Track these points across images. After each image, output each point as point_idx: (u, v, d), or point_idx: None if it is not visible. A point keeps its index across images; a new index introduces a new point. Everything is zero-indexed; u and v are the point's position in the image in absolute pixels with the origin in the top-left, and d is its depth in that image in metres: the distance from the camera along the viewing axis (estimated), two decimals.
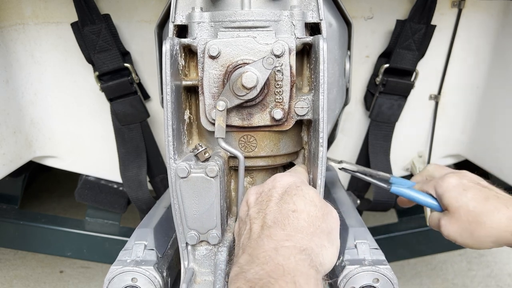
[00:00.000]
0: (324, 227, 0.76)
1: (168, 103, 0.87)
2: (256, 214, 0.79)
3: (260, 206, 0.80)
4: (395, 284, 0.91)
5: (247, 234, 0.77)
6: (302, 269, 0.63)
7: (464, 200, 1.01)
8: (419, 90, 1.66)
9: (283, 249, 0.67)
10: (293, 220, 0.73)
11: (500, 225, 0.96)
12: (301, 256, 0.66)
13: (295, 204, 0.76)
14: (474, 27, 1.59)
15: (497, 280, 2.27)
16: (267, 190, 0.83)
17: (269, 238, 0.70)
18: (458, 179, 1.05)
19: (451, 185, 1.05)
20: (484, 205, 0.98)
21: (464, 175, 1.08)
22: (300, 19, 0.95)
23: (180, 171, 0.87)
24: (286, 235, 0.70)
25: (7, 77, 1.52)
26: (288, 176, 0.86)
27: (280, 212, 0.75)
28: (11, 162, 1.55)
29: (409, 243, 1.86)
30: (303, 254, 0.66)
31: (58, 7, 1.52)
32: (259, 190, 0.86)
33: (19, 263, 2.45)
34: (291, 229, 0.72)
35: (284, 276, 0.61)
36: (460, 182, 1.05)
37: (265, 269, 0.63)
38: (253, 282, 0.62)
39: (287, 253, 0.66)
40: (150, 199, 1.68)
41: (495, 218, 0.96)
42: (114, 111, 1.59)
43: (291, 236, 0.70)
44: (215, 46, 0.90)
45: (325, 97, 0.88)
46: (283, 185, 0.82)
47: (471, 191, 1.01)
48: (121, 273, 0.94)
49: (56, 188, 3.31)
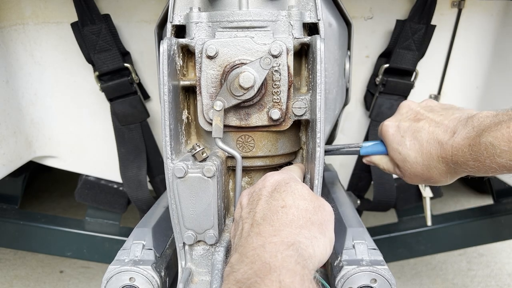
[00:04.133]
0: (315, 219, 0.76)
1: (166, 103, 0.87)
2: (247, 214, 0.79)
3: (251, 206, 0.81)
4: (393, 284, 0.91)
5: (239, 233, 0.77)
6: (289, 266, 0.63)
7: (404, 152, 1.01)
8: (419, 90, 1.66)
9: (270, 245, 0.67)
10: (281, 215, 0.73)
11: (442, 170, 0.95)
12: (288, 252, 0.65)
13: (284, 200, 0.77)
14: (474, 27, 1.59)
15: (497, 280, 2.27)
16: (258, 189, 0.83)
17: (258, 235, 0.70)
18: (393, 127, 1.05)
19: (389, 134, 1.05)
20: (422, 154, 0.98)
21: (399, 112, 1.08)
22: (298, 19, 0.95)
23: (177, 171, 0.87)
24: (274, 231, 0.70)
25: (7, 77, 1.52)
26: (278, 174, 0.86)
27: (269, 209, 0.76)
28: (11, 162, 1.55)
29: (409, 243, 1.86)
30: (290, 249, 0.66)
31: (58, 7, 1.53)
32: (251, 191, 0.86)
33: (19, 263, 2.45)
34: (279, 224, 0.72)
35: (270, 275, 0.61)
36: (394, 131, 1.05)
37: (253, 268, 0.64)
38: (241, 282, 0.63)
39: (274, 249, 0.66)
40: (150, 199, 1.69)
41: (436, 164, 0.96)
42: (114, 111, 1.60)
43: (279, 231, 0.70)
44: (212, 46, 0.91)
45: (322, 97, 0.88)
46: (273, 183, 0.83)
47: (408, 138, 1.01)
48: (119, 272, 0.94)
49: (56, 188, 3.32)
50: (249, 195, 0.86)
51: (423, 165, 0.98)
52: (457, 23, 1.58)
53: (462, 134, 0.90)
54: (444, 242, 1.87)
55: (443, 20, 1.57)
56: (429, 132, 0.97)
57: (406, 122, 1.04)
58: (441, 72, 1.66)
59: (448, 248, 1.93)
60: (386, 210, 1.81)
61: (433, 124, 0.98)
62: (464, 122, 0.91)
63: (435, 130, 0.97)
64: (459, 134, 0.90)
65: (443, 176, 0.97)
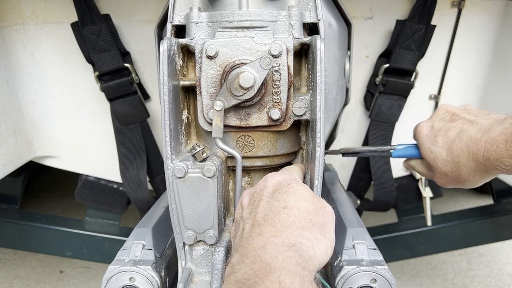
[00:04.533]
0: (316, 220, 0.75)
1: (166, 103, 0.87)
2: (248, 215, 0.79)
3: (252, 206, 0.80)
4: (393, 284, 0.91)
5: (240, 234, 0.77)
6: (289, 267, 0.63)
7: (436, 151, 1.01)
8: (419, 90, 1.66)
9: (271, 246, 0.67)
10: (283, 216, 0.73)
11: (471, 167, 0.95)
12: (289, 253, 0.65)
13: (286, 201, 0.77)
14: (474, 27, 1.59)
15: (497, 280, 2.27)
16: (259, 190, 0.83)
17: (259, 235, 0.70)
18: (427, 128, 1.05)
19: (423, 135, 1.05)
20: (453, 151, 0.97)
21: (436, 114, 1.08)
22: (298, 19, 0.95)
23: (177, 171, 0.87)
24: (275, 231, 0.70)
25: (7, 77, 1.52)
26: (279, 174, 0.86)
27: (270, 210, 0.76)
28: (11, 162, 1.55)
29: (409, 243, 1.86)
30: (291, 250, 0.66)
31: (58, 7, 1.53)
32: (252, 191, 0.86)
33: (19, 263, 2.45)
34: (280, 225, 0.72)
35: (270, 275, 0.61)
36: (428, 132, 1.04)
37: (253, 269, 0.64)
38: (241, 282, 0.63)
39: (275, 250, 0.66)
40: (150, 199, 1.69)
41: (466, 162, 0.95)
42: (114, 111, 1.60)
43: (280, 232, 0.70)
44: (212, 46, 0.91)
45: (322, 97, 0.88)
46: (274, 183, 0.83)
47: (441, 136, 1.01)
48: (119, 272, 0.94)
49: (56, 188, 3.32)
50: (250, 195, 0.86)
51: (453, 162, 0.98)
52: (457, 23, 1.58)
53: (498, 130, 0.88)
54: (444, 242, 1.87)
55: (443, 20, 1.57)
56: (462, 129, 0.97)
57: (440, 123, 1.04)
58: (441, 72, 1.66)
59: (448, 248, 1.93)
60: (386, 210, 1.81)
61: (467, 122, 0.98)
62: (501, 120, 0.90)
63: (468, 127, 0.96)
64: (495, 130, 0.89)
65: (472, 175, 0.96)
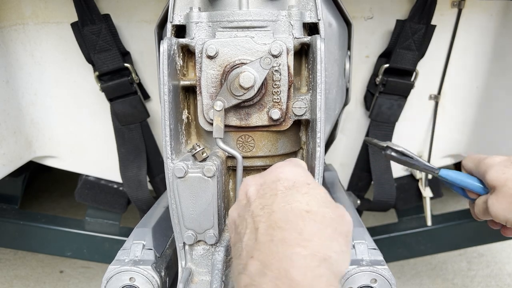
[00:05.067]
0: (341, 230, 0.67)
1: (166, 103, 0.87)
2: (260, 211, 0.68)
3: (264, 200, 0.70)
4: (393, 284, 0.91)
5: (252, 234, 0.67)
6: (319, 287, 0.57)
7: (510, 173, 0.93)
8: (419, 90, 1.66)
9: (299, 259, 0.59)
10: (309, 222, 0.64)
11: None
12: (320, 271, 0.59)
13: (308, 204, 0.67)
14: (474, 27, 1.59)
15: (497, 280, 2.27)
16: (270, 181, 0.73)
17: (282, 242, 0.62)
18: (502, 157, 0.99)
19: (496, 161, 0.98)
20: None
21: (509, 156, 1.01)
22: (298, 19, 0.95)
23: (177, 171, 0.87)
24: (302, 240, 0.62)
25: (7, 77, 1.52)
26: (291, 167, 0.77)
27: (291, 211, 0.66)
28: (11, 162, 1.55)
29: (409, 243, 1.86)
30: (322, 267, 0.60)
31: (58, 7, 1.53)
32: (259, 181, 0.76)
33: (19, 263, 2.45)
34: (308, 233, 0.63)
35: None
36: (504, 159, 0.98)
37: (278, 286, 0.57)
38: None
39: (304, 265, 0.59)
40: (150, 199, 1.69)
41: None
42: (114, 111, 1.60)
43: (308, 242, 0.62)
44: (212, 46, 0.91)
45: (322, 97, 0.88)
46: (288, 177, 0.73)
47: None
48: (119, 272, 0.94)
49: (56, 188, 3.31)
50: (257, 185, 0.75)
51: None
52: (457, 23, 1.58)
53: None
54: (444, 242, 1.87)
55: (443, 20, 1.57)
56: None
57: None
58: (441, 72, 1.65)
59: (448, 248, 1.93)
60: (386, 210, 1.81)
61: None
62: None
63: None
64: None
65: None
